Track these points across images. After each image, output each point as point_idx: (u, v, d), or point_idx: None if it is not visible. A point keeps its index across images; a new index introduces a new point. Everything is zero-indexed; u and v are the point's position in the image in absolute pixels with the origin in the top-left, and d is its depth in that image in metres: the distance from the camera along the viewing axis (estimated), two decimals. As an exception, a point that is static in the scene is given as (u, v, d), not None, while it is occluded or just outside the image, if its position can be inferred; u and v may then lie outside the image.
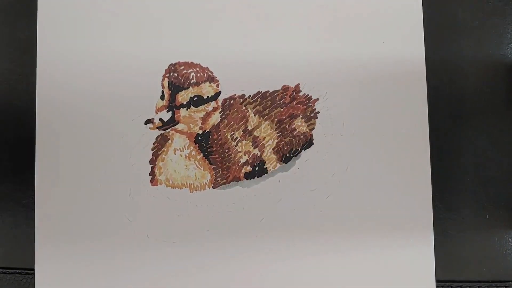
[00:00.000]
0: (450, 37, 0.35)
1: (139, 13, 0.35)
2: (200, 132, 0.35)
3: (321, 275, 0.34)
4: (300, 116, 0.35)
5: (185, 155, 0.35)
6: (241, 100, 0.35)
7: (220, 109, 0.35)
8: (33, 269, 0.34)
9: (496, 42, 0.35)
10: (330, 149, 0.34)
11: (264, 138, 0.35)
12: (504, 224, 0.35)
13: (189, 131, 0.35)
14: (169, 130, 0.35)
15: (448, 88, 0.35)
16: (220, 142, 0.35)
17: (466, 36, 0.35)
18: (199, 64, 0.35)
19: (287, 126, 0.35)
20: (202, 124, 0.35)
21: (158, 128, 0.35)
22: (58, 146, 0.34)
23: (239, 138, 0.35)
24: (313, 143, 0.35)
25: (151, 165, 0.34)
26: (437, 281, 0.34)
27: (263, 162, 0.34)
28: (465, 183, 0.35)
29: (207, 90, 0.35)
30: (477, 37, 0.35)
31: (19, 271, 0.35)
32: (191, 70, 0.35)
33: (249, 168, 0.34)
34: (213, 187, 0.34)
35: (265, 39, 0.35)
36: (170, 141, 0.35)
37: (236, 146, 0.35)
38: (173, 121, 0.35)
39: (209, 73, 0.35)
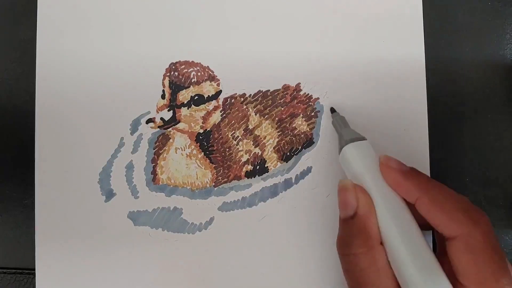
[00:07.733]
0: (450, 37, 0.35)
1: (139, 12, 0.35)
2: (201, 131, 0.35)
3: (321, 273, 0.34)
4: (301, 115, 0.35)
5: (186, 154, 0.35)
6: (242, 99, 0.35)
7: (221, 108, 0.35)
8: (34, 269, 0.34)
9: (496, 43, 0.35)
10: (330, 148, 0.34)
11: (265, 137, 0.35)
12: (503, 224, 0.35)
13: (190, 130, 0.35)
14: (170, 129, 0.35)
15: (448, 88, 0.35)
16: (221, 141, 0.35)
17: (466, 36, 0.35)
18: (200, 63, 0.35)
19: (287, 125, 0.35)
20: (203, 123, 0.35)
21: (159, 127, 0.35)
22: (58, 146, 0.34)
23: (240, 137, 0.35)
24: (313, 142, 0.35)
25: (153, 164, 0.34)
26: (437, 280, 0.34)
27: (264, 161, 0.35)
28: (464, 183, 0.35)
29: (207, 89, 0.35)
30: (477, 37, 0.35)
31: (20, 271, 0.35)
32: (191, 69, 0.35)
33: (250, 167, 0.35)
34: (214, 186, 0.34)
35: (266, 39, 0.35)
36: (171, 140, 0.35)
37: (237, 145, 0.35)
38: (174, 120, 0.35)
39: (210, 72, 0.35)
